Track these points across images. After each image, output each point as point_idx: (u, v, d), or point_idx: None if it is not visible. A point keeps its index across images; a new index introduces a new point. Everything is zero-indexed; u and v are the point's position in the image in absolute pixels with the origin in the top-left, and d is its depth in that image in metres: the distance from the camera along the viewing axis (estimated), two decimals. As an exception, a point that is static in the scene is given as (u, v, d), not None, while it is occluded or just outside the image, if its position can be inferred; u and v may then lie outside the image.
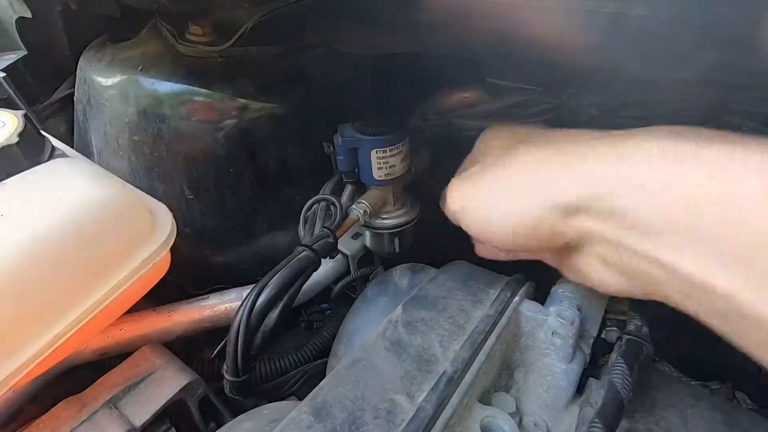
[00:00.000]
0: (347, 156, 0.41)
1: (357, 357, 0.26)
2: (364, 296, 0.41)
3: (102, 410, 0.34)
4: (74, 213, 0.31)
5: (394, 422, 0.22)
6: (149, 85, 0.44)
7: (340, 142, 0.40)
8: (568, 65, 0.37)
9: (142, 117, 0.44)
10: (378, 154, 0.39)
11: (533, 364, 0.29)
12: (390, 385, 0.24)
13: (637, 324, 0.29)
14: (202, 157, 0.44)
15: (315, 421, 0.22)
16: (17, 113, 0.37)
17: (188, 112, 0.43)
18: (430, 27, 0.40)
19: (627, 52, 0.31)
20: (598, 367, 0.30)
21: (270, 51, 0.45)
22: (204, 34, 0.45)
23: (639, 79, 0.36)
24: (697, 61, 0.29)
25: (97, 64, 0.48)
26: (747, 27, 0.25)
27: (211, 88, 0.43)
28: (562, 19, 0.30)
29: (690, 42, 0.27)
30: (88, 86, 0.49)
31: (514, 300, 0.31)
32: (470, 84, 0.46)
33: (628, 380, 0.24)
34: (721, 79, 0.34)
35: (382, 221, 0.44)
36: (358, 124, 0.40)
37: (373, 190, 0.43)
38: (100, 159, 0.50)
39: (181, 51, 0.45)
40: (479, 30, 0.36)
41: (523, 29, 0.33)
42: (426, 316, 0.30)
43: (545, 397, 0.28)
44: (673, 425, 0.25)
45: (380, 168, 0.40)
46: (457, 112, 0.46)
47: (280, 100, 0.44)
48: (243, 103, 0.43)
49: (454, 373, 0.25)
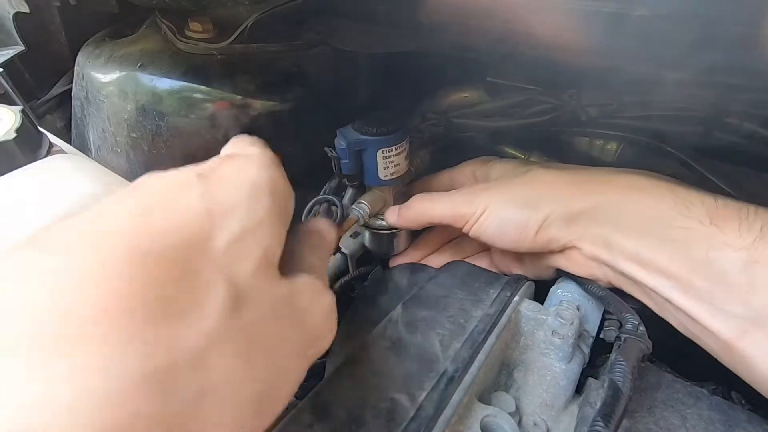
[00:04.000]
0: (352, 159, 0.39)
1: (357, 356, 0.26)
2: (364, 296, 0.41)
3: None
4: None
5: (395, 421, 0.22)
6: (148, 82, 0.44)
7: (344, 146, 0.38)
8: (568, 65, 0.37)
9: (141, 114, 0.44)
10: (384, 153, 0.39)
11: (533, 363, 0.29)
12: (391, 384, 0.24)
13: (634, 323, 0.29)
14: (201, 154, 0.44)
15: (315, 421, 0.22)
16: (14, 109, 0.37)
17: (187, 109, 0.43)
18: (430, 26, 0.39)
19: (627, 53, 0.31)
20: (597, 367, 0.30)
21: (270, 48, 0.45)
22: (204, 31, 0.44)
23: (639, 79, 0.36)
24: (696, 61, 0.29)
25: (96, 60, 0.48)
26: (747, 27, 0.25)
27: (210, 86, 0.43)
28: (562, 18, 0.30)
29: (690, 42, 0.27)
30: (86, 82, 0.48)
31: (514, 299, 0.31)
32: (470, 83, 0.46)
33: (629, 379, 0.25)
34: (721, 80, 0.34)
35: (382, 222, 0.44)
36: (358, 126, 0.39)
37: (374, 190, 0.42)
38: (98, 155, 0.50)
39: (181, 48, 0.45)
40: (479, 29, 0.36)
41: (523, 29, 0.33)
42: (426, 315, 0.30)
43: (545, 397, 0.28)
44: (672, 425, 0.25)
45: (386, 168, 0.40)
46: (457, 112, 0.45)
47: (280, 98, 0.44)
48: (243, 100, 0.43)
49: (455, 373, 0.25)
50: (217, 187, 0.18)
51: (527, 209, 0.33)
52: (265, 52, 0.45)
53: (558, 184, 0.33)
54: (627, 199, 0.30)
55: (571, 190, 0.33)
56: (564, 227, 0.32)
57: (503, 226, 0.34)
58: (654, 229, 0.29)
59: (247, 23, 0.42)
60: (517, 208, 0.33)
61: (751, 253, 0.25)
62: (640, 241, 0.29)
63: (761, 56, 0.26)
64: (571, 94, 0.39)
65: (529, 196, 0.33)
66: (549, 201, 0.32)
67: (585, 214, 0.31)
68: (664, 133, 0.38)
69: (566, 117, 0.41)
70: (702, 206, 0.28)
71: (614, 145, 0.41)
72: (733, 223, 0.26)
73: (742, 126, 0.35)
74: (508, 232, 0.34)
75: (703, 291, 0.26)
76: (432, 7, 0.37)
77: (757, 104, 0.35)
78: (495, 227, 0.34)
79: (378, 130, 0.38)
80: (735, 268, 0.25)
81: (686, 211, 0.28)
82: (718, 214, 0.27)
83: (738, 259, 0.25)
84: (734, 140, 0.36)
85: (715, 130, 0.37)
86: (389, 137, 0.38)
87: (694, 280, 0.27)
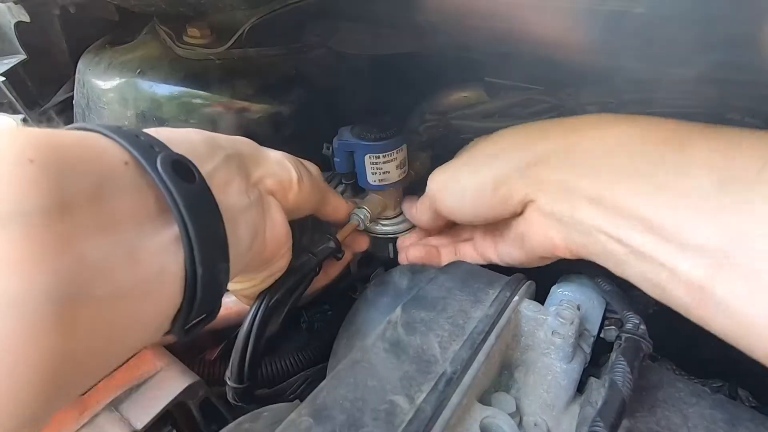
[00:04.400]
0: (344, 159, 0.41)
1: (356, 358, 0.26)
2: (364, 297, 0.41)
3: (103, 413, 0.34)
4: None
5: (394, 423, 0.22)
6: (148, 88, 0.44)
7: (337, 145, 0.40)
8: (567, 64, 0.37)
9: (141, 120, 0.44)
10: (371, 159, 0.39)
11: (533, 363, 0.29)
12: (389, 386, 0.24)
13: (635, 322, 0.29)
14: (202, 159, 0.44)
15: (314, 423, 0.22)
16: (17, 117, 0.37)
17: (187, 114, 0.43)
18: (429, 27, 0.39)
19: (627, 51, 0.31)
20: (599, 367, 0.30)
21: (268, 52, 0.45)
22: (202, 37, 0.45)
23: (639, 77, 0.36)
24: (697, 58, 0.29)
25: (96, 67, 0.48)
26: (748, 24, 0.25)
27: (209, 91, 0.43)
28: (561, 17, 0.30)
29: (691, 39, 0.27)
30: (87, 89, 0.49)
31: (513, 300, 0.31)
32: (469, 84, 0.46)
33: (629, 378, 0.24)
34: (723, 76, 0.34)
35: (381, 227, 0.44)
36: (357, 129, 0.40)
37: (373, 195, 0.43)
38: (100, 162, 0.50)
39: (180, 53, 0.45)
40: (478, 29, 0.36)
41: (523, 28, 0.33)
42: (425, 316, 0.30)
43: (545, 397, 0.28)
44: (674, 424, 0.25)
45: (374, 173, 0.40)
46: (456, 113, 0.45)
47: (279, 102, 0.44)
48: (242, 105, 0.43)
49: (454, 374, 0.25)
50: None
51: (480, 170, 0.31)
52: (263, 56, 0.45)
53: (518, 136, 0.31)
54: (585, 136, 0.28)
55: (528, 139, 0.30)
56: (519, 179, 0.29)
57: (462, 195, 0.33)
58: (615, 164, 0.26)
59: (245, 28, 0.42)
60: (471, 173, 0.32)
61: (721, 172, 0.22)
62: (600, 178, 0.26)
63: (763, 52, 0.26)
64: (570, 92, 0.39)
65: (480, 159, 0.32)
66: (501, 157, 0.31)
67: (541, 161, 0.29)
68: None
69: (566, 116, 0.40)
70: (665, 130, 0.25)
71: (614, 144, 0.41)
72: (699, 141, 0.24)
73: (743, 122, 0.35)
74: (467, 200, 0.32)
75: (670, 227, 0.23)
76: (431, 7, 0.37)
77: (758, 100, 0.34)
78: (456, 199, 0.33)
79: (367, 136, 0.39)
80: (704, 190, 0.22)
81: (649, 137, 0.25)
82: (682, 136, 0.24)
83: (707, 180, 0.22)
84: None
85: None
86: (375, 144, 0.39)
87: (660, 215, 0.23)
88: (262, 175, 0.30)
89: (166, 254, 0.21)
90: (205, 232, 0.21)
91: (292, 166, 0.32)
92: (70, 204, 0.17)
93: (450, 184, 0.34)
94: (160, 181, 0.20)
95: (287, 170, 0.32)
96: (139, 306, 0.20)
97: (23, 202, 0.16)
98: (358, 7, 0.42)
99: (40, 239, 0.16)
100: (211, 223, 0.22)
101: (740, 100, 0.35)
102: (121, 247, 0.19)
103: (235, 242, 0.24)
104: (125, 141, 0.21)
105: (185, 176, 0.22)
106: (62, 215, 0.17)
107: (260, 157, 0.31)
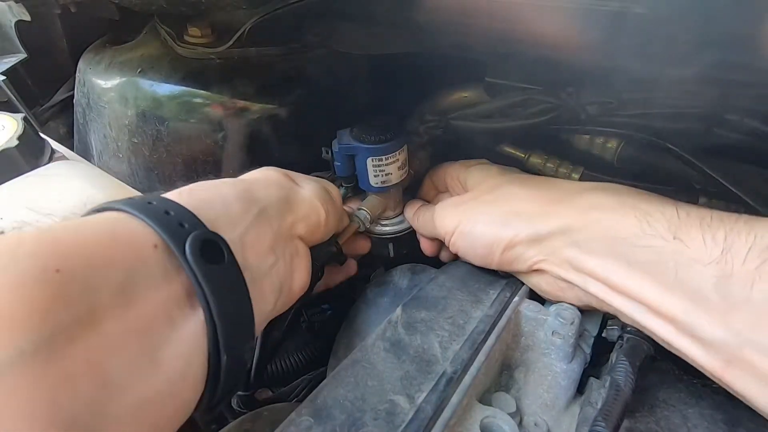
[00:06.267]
0: (344, 162, 0.40)
1: (357, 358, 0.26)
2: (365, 297, 0.41)
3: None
4: (72, 215, 0.31)
5: (394, 423, 0.22)
6: (148, 87, 0.44)
7: (338, 149, 0.40)
8: (568, 64, 0.37)
9: (142, 119, 0.44)
10: (374, 162, 0.39)
11: (533, 363, 0.29)
12: (389, 386, 0.24)
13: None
14: (202, 158, 0.44)
15: (315, 423, 0.22)
16: (17, 116, 0.37)
17: (187, 113, 0.43)
18: (428, 27, 0.39)
19: (627, 51, 0.31)
20: (599, 367, 0.30)
21: (269, 52, 0.45)
22: (202, 36, 0.45)
23: (639, 77, 0.36)
24: (697, 58, 0.29)
25: (96, 66, 0.48)
26: (747, 24, 0.25)
27: (210, 90, 0.43)
28: (561, 17, 0.30)
29: (691, 39, 0.27)
30: (87, 89, 0.49)
31: (513, 300, 0.31)
32: (469, 84, 0.46)
33: (631, 379, 0.24)
34: (723, 76, 0.34)
35: (382, 228, 0.44)
36: (356, 131, 0.39)
37: (373, 196, 0.42)
38: (100, 161, 0.50)
39: (180, 53, 0.45)
40: (478, 29, 0.36)
41: (523, 28, 0.33)
42: (426, 316, 0.30)
43: (546, 397, 0.28)
44: (674, 424, 0.25)
45: (376, 176, 0.40)
46: (456, 113, 0.45)
47: (279, 101, 0.44)
48: (242, 104, 0.43)
49: (454, 374, 0.25)
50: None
51: (494, 227, 0.33)
52: (263, 56, 0.45)
53: (526, 202, 0.33)
54: (590, 219, 0.29)
55: (537, 209, 0.32)
56: (530, 248, 0.31)
57: (473, 243, 0.34)
58: (619, 251, 0.27)
59: (245, 27, 0.42)
60: (486, 226, 0.34)
61: (722, 267, 0.23)
62: (607, 264, 0.27)
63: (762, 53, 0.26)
64: (569, 92, 0.39)
65: (497, 215, 0.34)
66: (516, 221, 0.32)
67: (551, 236, 0.30)
68: (665, 130, 0.38)
69: (566, 116, 0.40)
70: (663, 219, 0.26)
71: (614, 143, 0.41)
72: (696, 233, 0.25)
73: (743, 122, 0.35)
74: (477, 250, 0.34)
75: (678, 315, 0.24)
76: (430, 7, 0.37)
77: (757, 100, 0.34)
78: (467, 245, 0.35)
79: (369, 139, 0.38)
80: (707, 285, 0.23)
81: (648, 227, 0.26)
82: (680, 227, 0.25)
83: (709, 276, 0.23)
84: (735, 137, 0.36)
85: (715, 127, 0.36)
86: (379, 147, 0.38)
87: (667, 305, 0.24)
88: (294, 221, 0.31)
89: (194, 343, 0.20)
90: (231, 316, 0.21)
91: (321, 204, 0.33)
92: (95, 311, 0.17)
93: (463, 227, 0.35)
94: (188, 269, 0.20)
95: (317, 212, 0.33)
96: (159, 410, 0.19)
97: (48, 320, 0.16)
98: (358, 6, 0.42)
99: (62, 365, 0.16)
100: (238, 304, 0.22)
101: (740, 100, 0.35)
102: (146, 353, 0.18)
103: (259, 304, 0.25)
104: (154, 223, 0.21)
105: (214, 258, 0.21)
106: (88, 329, 0.17)
107: (293, 202, 0.31)
